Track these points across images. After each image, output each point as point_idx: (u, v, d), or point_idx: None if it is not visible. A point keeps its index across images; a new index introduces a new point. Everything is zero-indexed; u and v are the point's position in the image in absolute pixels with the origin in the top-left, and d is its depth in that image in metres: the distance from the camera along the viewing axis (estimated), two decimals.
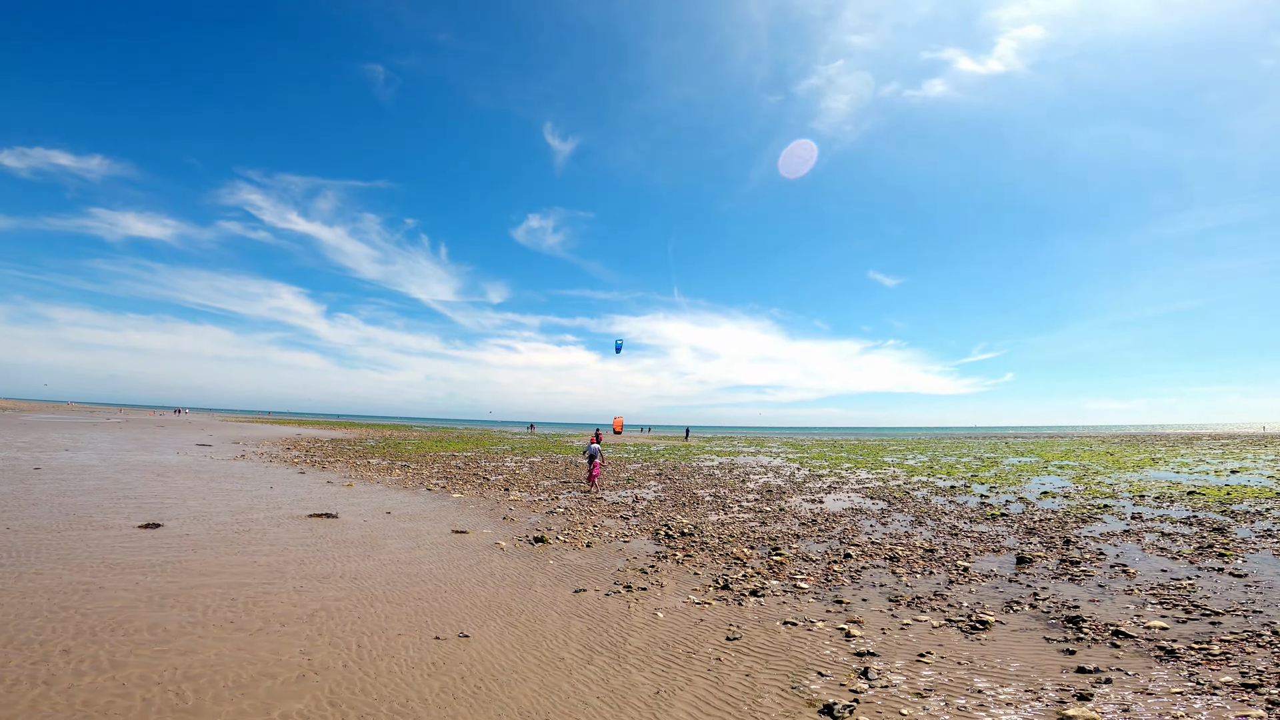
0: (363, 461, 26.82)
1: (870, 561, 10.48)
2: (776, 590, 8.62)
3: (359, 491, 17.20)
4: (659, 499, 17.51)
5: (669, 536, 12.19)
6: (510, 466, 27.00)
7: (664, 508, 15.88)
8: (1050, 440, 69.39)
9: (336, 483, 18.82)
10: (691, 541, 11.71)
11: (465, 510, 14.64)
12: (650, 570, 9.50)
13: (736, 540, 11.89)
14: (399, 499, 16.13)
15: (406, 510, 14.29)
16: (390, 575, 8.63)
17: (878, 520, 14.46)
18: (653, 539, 12.01)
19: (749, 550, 11.12)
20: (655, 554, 10.65)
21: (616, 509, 15.51)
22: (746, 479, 23.40)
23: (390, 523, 12.59)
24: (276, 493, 16.01)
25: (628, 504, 16.46)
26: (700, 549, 11.13)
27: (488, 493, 17.85)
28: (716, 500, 17.37)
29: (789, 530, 12.99)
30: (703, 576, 9.26)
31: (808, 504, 16.94)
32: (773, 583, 9.00)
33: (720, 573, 9.49)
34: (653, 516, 14.46)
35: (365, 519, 12.78)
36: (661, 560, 10.20)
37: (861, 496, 18.75)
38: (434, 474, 22.60)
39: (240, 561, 8.96)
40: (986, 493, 19.46)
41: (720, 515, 14.86)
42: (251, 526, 11.48)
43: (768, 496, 18.32)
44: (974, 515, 14.99)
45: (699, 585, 8.77)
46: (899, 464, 32.36)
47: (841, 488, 20.81)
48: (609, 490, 19.45)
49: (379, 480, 20.15)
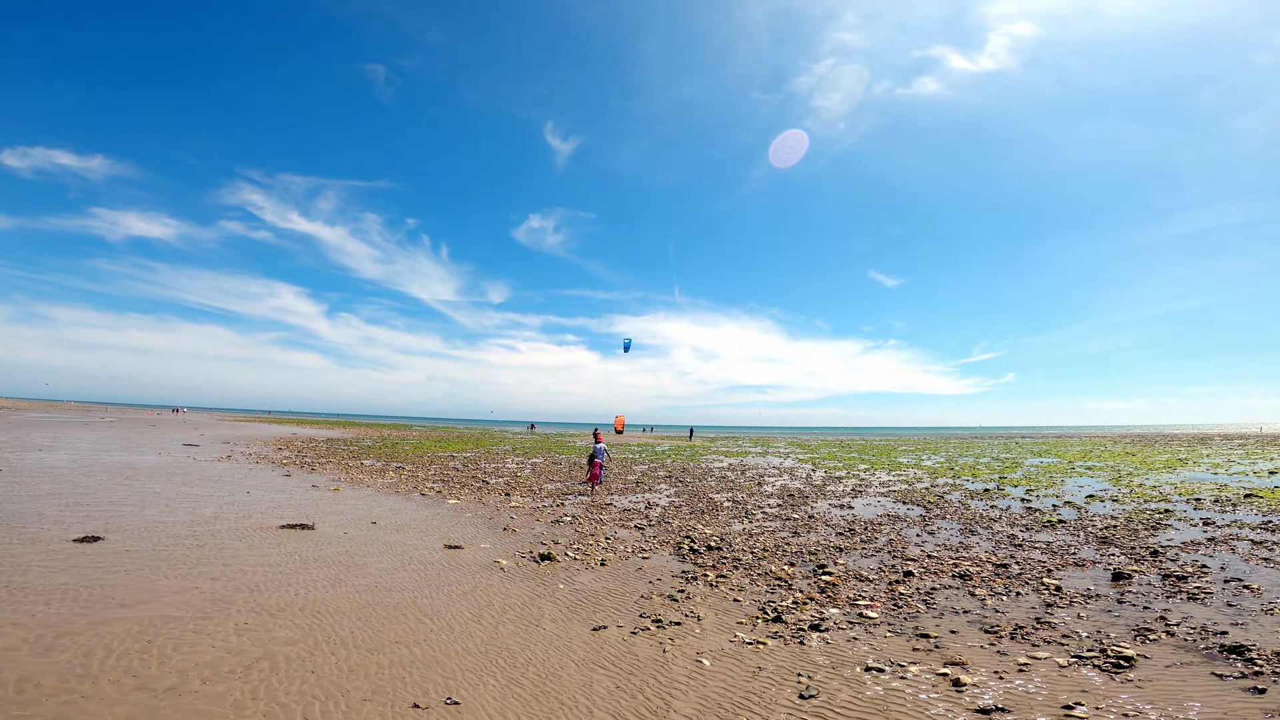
0: (355, 463, 25.10)
1: (937, 580, 8.82)
2: (839, 621, 6.96)
3: (345, 497, 15.49)
4: (673, 505, 15.83)
5: (694, 551, 10.50)
6: (511, 468, 25.30)
7: (681, 515, 14.20)
8: (1060, 440, 67.87)
9: (322, 487, 17.11)
10: (721, 558, 10.03)
11: (461, 519, 12.94)
12: (680, 596, 7.82)
13: (772, 555, 10.22)
14: (388, 506, 14.43)
15: (395, 519, 12.58)
16: (364, 607, 6.93)
17: (921, 528, 12.80)
18: (675, 554, 10.34)
19: (789, 568, 9.45)
20: (682, 574, 8.97)
21: (629, 517, 13.83)
22: (762, 482, 21.72)
23: (374, 535, 10.88)
24: (252, 499, 14.30)
25: (640, 511, 14.78)
26: (733, 567, 9.45)
27: (487, 498, 16.15)
28: (736, 506, 15.69)
29: (826, 541, 11.33)
30: (745, 604, 7.59)
31: (837, 510, 15.28)
32: (832, 611, 7.34)
33: (764, 598, 7.82)
34: (670, 526, 12.78)
35: (346, 530, 11.07)
36: (691, 582, 8.52)
37: (892, 500, 17.08)
38: (430, 477, 20.89)
39: (179, 587, 7.24)
40: (1024, 496, 17.81)
41: (745, 524, 13.18)
42: (209, 540, 9.76)
43: (791, 501, 16.65)
44: (1027, 522, 13.33)
45: (744, 616, 7.09)
46: (915, 465, 30.71)
47: (866, 491, 19.15)
48: (618, 494, 17.76)
49: (370, 484, 18.44)
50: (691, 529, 12.40)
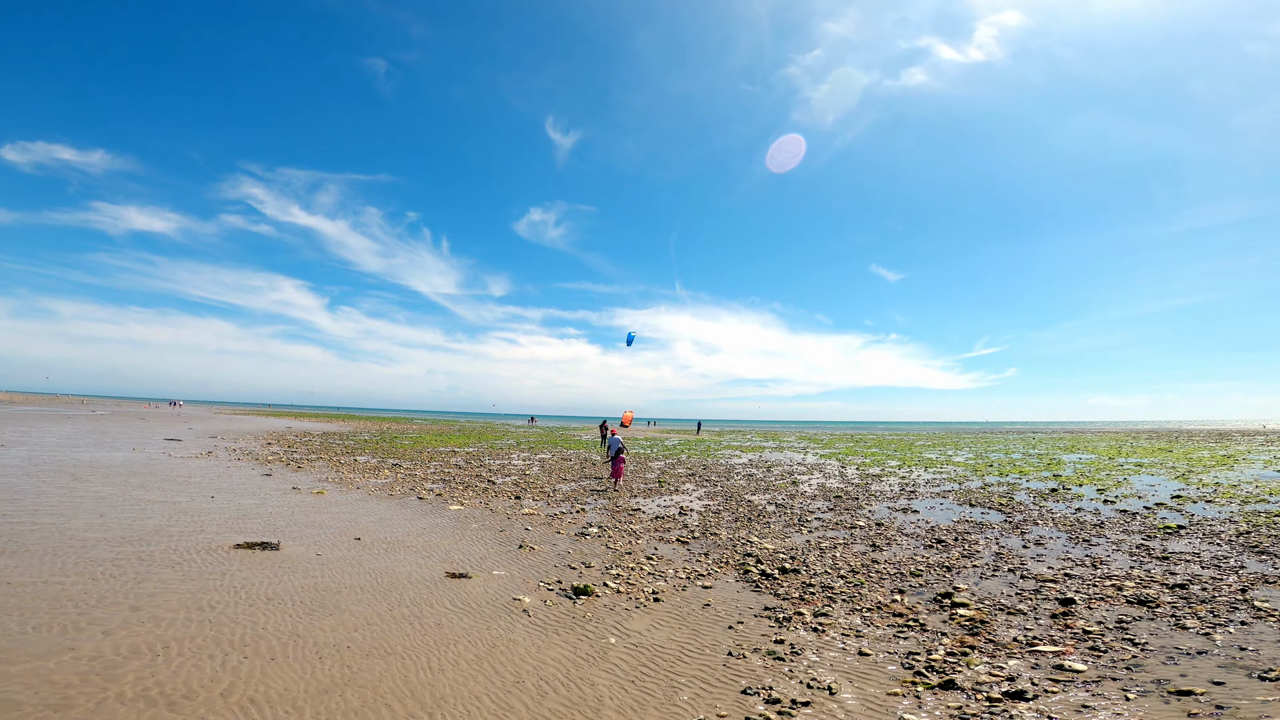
0: (348, 460, 22.66)
1: (1111, 608, 6.54)
2: (1037, 679, 4.63)
3: (329, 502, 13.07)
4: (710, 510, 13.46)
5: (766, 576, 8.13)
6: (518, 465, 22.90)
7: (724, 523, 11.84)
8: (1078, 436, 65.95)
9: (305, 489, 14.67)
10: (805, 584, 7.66)
11: (466, 532, 10.53)
12: (784, 651, 5.46)
13: (866, 578, 7.85)
14: (379, 514, 12.02)
15: (385, 533, 10.17)
16: (325, 691, 4.52)
17: (1019, 537, 10.47)
18: (743, 579, 7.97)
19: (900, 596, 7.10)
20: (766, 612, 6.60)
21: (664, 526, 11.46)
22: (796, 481, 19.37)
23: (356, 558, 8.46)
24: (214, 505, 11.85)
25: (674, 518, 12.41)
26: (828, 598, 7.09)
27: (494, 502, 13.75)
28: (782, 511, 13.33)
29: (919, 557, 8.97)
30: (878, 658, 5.24)
31: (900, 514, 12.93)
32: (1012, 663, 5.04)
33: (899, 647, 5.49)
34: (719, 539, 10.42)
35: (320, 551, 8.63)
36: (785, 625, 6.16)
37: (954, 502, 14.76)
38: (429, 476, 18.48)
39: (47, 647, 4.80)
40: (1099, 496, 15.52)
41: (804, 534, 10.83)
42: (132, 567, 7.33)
43: (839, 504, 14.30)
44: (1138, 528, 11.02)
45: (891, 681, 4.75)
46: (947, 461, 28.46)
47: (917, 491, 16.81)
48: (641, 497, 15.38)
49: (361, 485, 16.02)
50: (747, 543, 10.04)
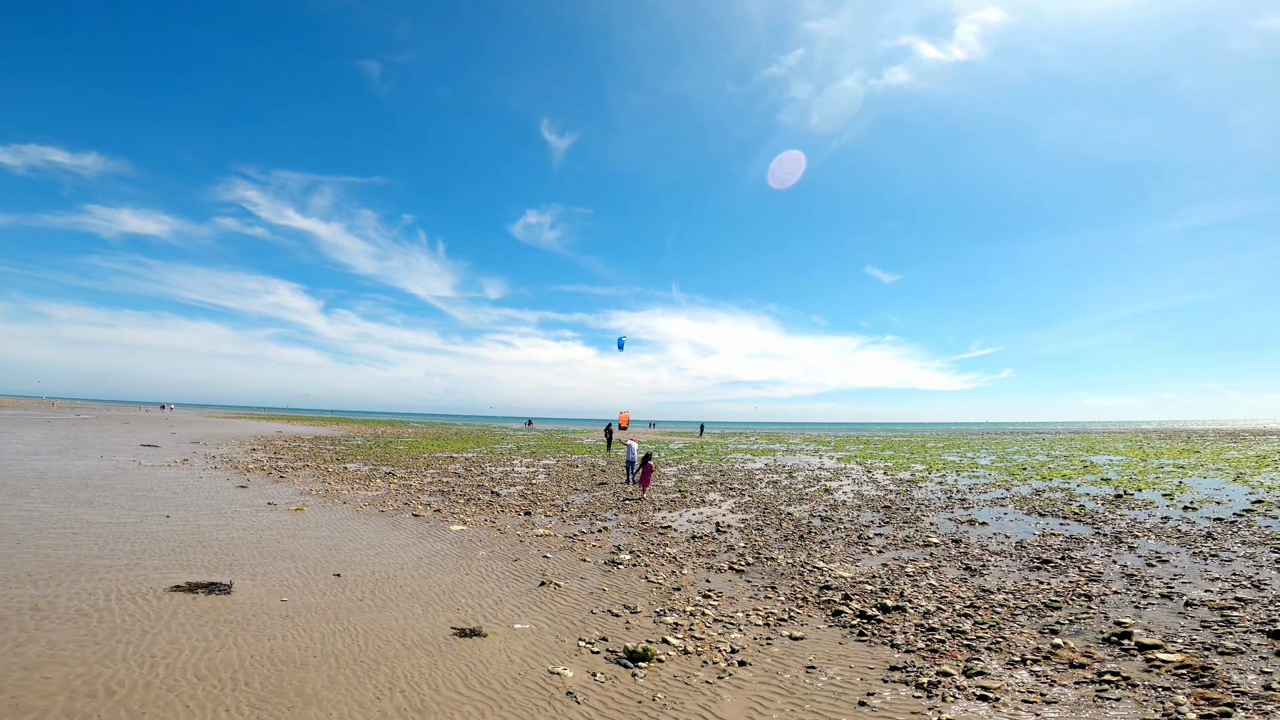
0: (337, 468, 20.68)
1: None
2: None
3: (309, 522, 11.14)
4: (750, 525, 11.63)
5: (865, 617, 6.29)
6: (522, 473, 20.99)
7: (772, 542, 10.01)
8: (1087, 437, 64.60)
9: (283, 504, 12.73)
10: (923, 628, 5.82)
11: (473, 562, 8.65)
12: None
13: (992, 614, 6.03)
14: (367, 537, 10.11)
15: (373, 566, 8.27)
16: None
17: (1126, 552, 8.68)
18: (833, 621, 6.15)
19: (1056, 638, 5.27)
20: (896, 675, 4.77)
21: (705, 548, 9.61)
22: (828, 488, 17.56)
23: (334, 605, 6.56)
24: (166, 528, 9.90)
25: (713, 536, 10.57)
26: (961, 645, 5.25)
27: (502, 519, 11.86)
28: (831, 525, 11.51)
29: (1036, 583, 7.16)
30: None
31: (968, 527, 11.15)
32: None
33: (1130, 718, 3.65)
34: (776, 563, 8.59)
35: (288, 593, 6.72)
36: (934, 695, 4.33)
37: (1017, 511, 12.99)
38: (426, 487, 16.55)
39: None
40: (1163, 500, 13.81)
41: (875, 556, 9.01)
42: (22, 621, 5.41)
43: (892, 516, 12.50)
44: (1257, 539, 9.25)
45: None
46: (973, 465, 26.78)
47: (966, 499, 15.01)
48: (666, 510, 13.53)
49: (349, 497, 14.09)
50: (813, 569, 8.21)
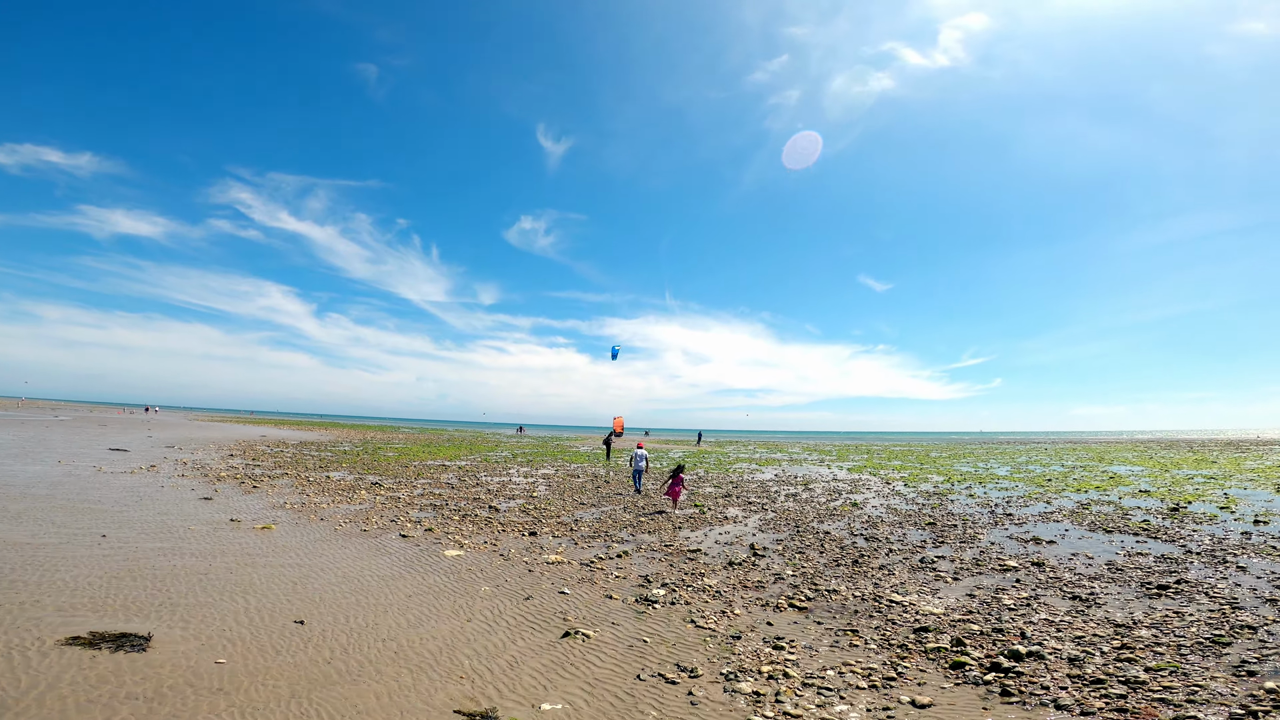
0: (319, 476, 18.92)
1: None
2: None
3: (274, 545, 9.47)
4: (786, 546, 10.08)
5: (996, 669, 4.73)
6: (521, 483, 19.35)
7: (821, 568, 8.46)
8: (1088, 446, 63.81)
9: (249, 520, 11.03)
10: (1083, 679, 4.28)
11: (475, 601, 7.03)
12: None
13: (1156, 657, 4.52)
14: (343, 566, 8.46)
15: (348, 609, 6.63)
16: None
17: (1235, 572, 7.20)
18: (959, 678, 4.61)
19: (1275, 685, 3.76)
20: None
21: (748, 577, 8.05)
22: (855, 502, 16.06)
23: (287, 670, 4.92)
24: (96, 552, 8.18)
25: (749, 561, 9.01)
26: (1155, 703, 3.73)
27: (504, 540, 10.23)
28: (877, 546, 9.98)
29: (1177, 615, 5.65)
30: None
31: (1034, 546, 9.65)
32: None
33: None
34: (840, 596, 7.05)
35: (223, 653, 5.08)
36: None
37: (1075, 526, 11.53)
38: (416, 500, 14.88)
39: None
40: (1221, 514, 12.43)
41: (952, 584, 7.48)
42: None
43: (941, 534, 10.99)
44: None
45: None
46: (990, 475, 25.48)
47: (1011, 513, 13.53)
48: (688, 528, 11.95)
49: (328, 512, 12.41)
50: (889, 603, 6.67)
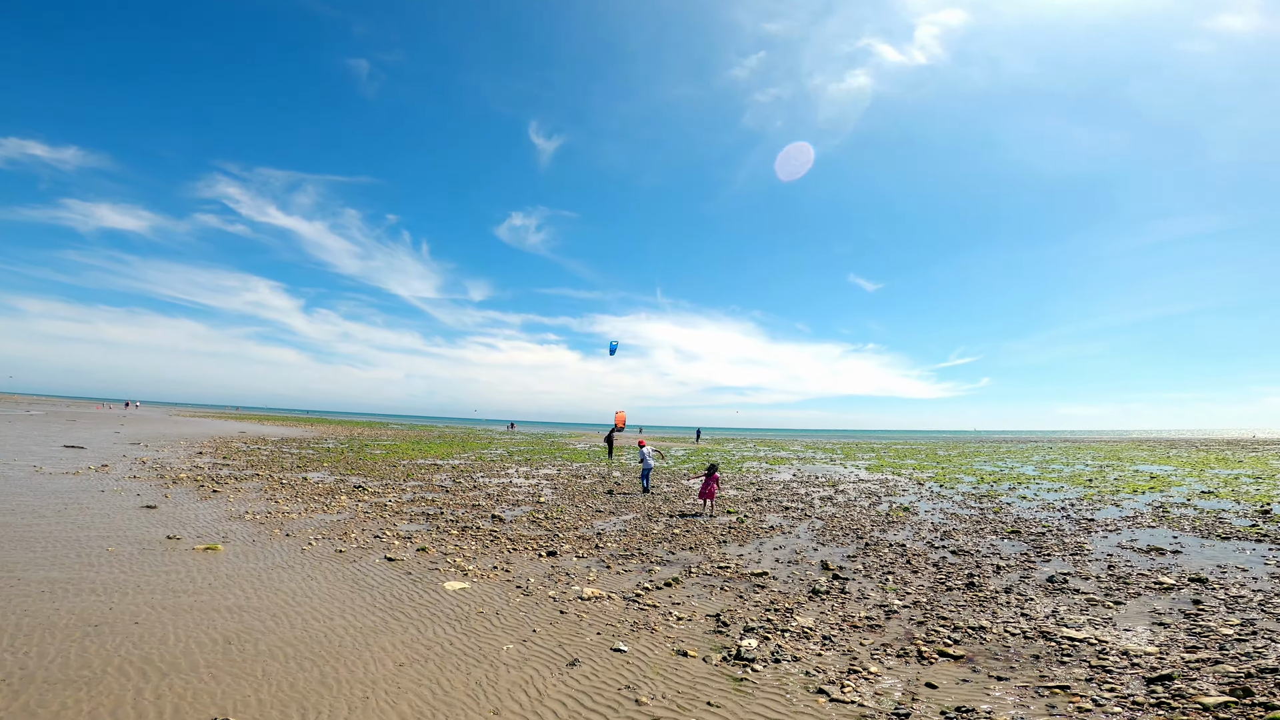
0: (295, 478, 16.64)
1: None
2: None
3: (215, 574, 7.29)
4: (864, 564, 8.05)
5: None
6: (523, 485, 17.22)
7: (936, 597, 6.45)
8: (1090, 445, 62.78)
9: (193, 536, 8.80)
10: None
11: (498, 672, 4.91)
12: None
13: None
14: (306, 609, 6.31)
15: (301, 694, 4.50)
16: None
17: None
18: None
19: None
20: None
21: (845, 609, 6.00)
22: (901, 506, 14.12)
23: None
24: None
25: (831, 586, 6.97)
26: None
27: (518, 563, 8.11)
28: (972, 561, 7.99)
29: None
30: None
31: (1170, 558, 7.75)
32: None
33: None
34: (994, 635, 5.04)
35: None
36: None
37: (1195, 535, 9.68)
38: (405, 506, 12.69)
39: None
40: None
41: (1121, 611, 5.52)
42: None
43: (1038, 544, 9.05)
44: None
45: None
46: (1016, 474, 23.85)
47: (1091, 518, 11.68)
48: (732, 540, 9.90)
49: (298, 524, 10.21)
50: (1074, 641, 4.68)
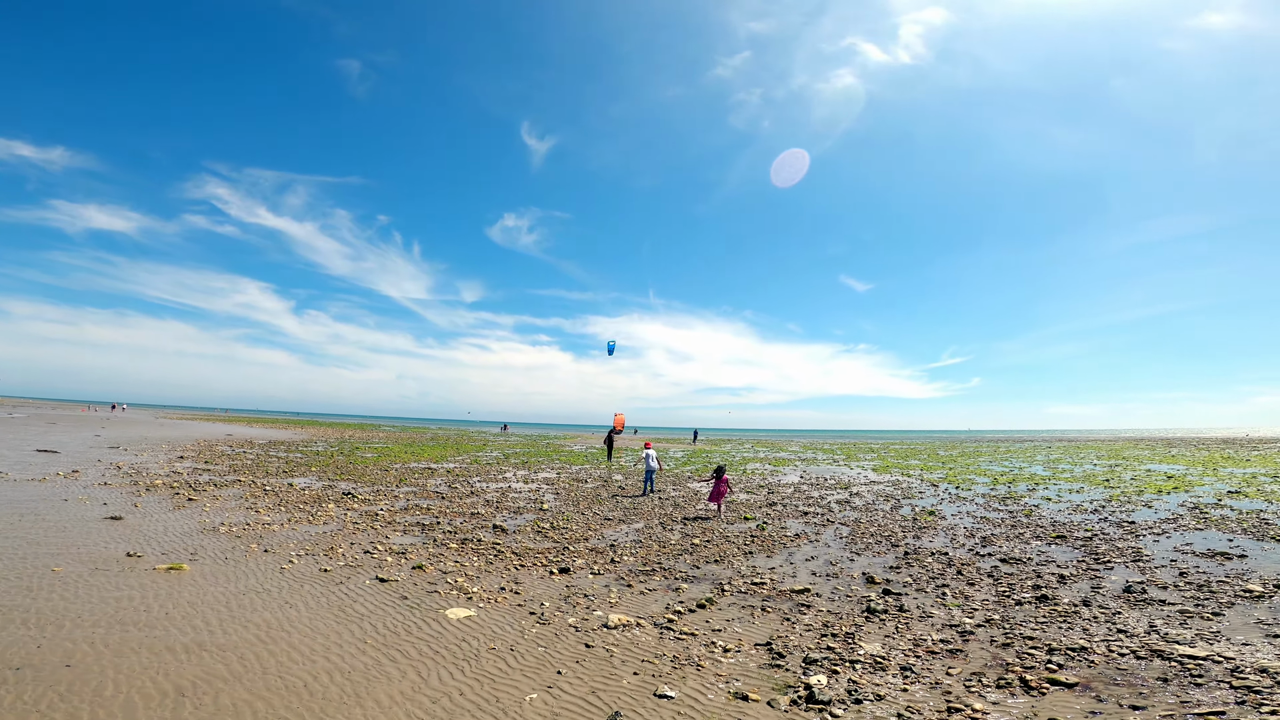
0: (280, 483, 15.55)
1: None
2: None
3: (177, 601, 6.28)
4: (915, 579, 7.15)
5: None
6: (523, 491, 16.23)
7: (1002, 609, 5.56)
8: (1093, 444, 62.47)
9: (155, 555, 7.76)
10: None
11: None
12: None
13: None
14: (283, 647, 5.32)
15: None
16: None
17: None
18: None
19: None
20: None
21: (914, 630, 5.09)
22: (921, 509, 13.26)
23: None
24: None
25: (887, 603, 6.06)
26: None
27: (527, 582, 7.14)
28: (1035, 571, 7.12)
29: None
30: None
31: (1237, 563, 6.93)
32: None
33: None
34: (1101, 658, 4.14)
35: None
36: None
37: (1245, 536, 8.88)
38: (398, 515, 11.67)
39: None
40: None
41: (1225, 623, 4.67)
42: None
43: (1098, 552, 8.21)
44: None
45: None
46: (1027, 474, 23.15)
47: (1132, 522, 10.89)
48: (758, 552, 8.97)
49: (279, 537, 9.18)
50: (1196, 660, 3.81)
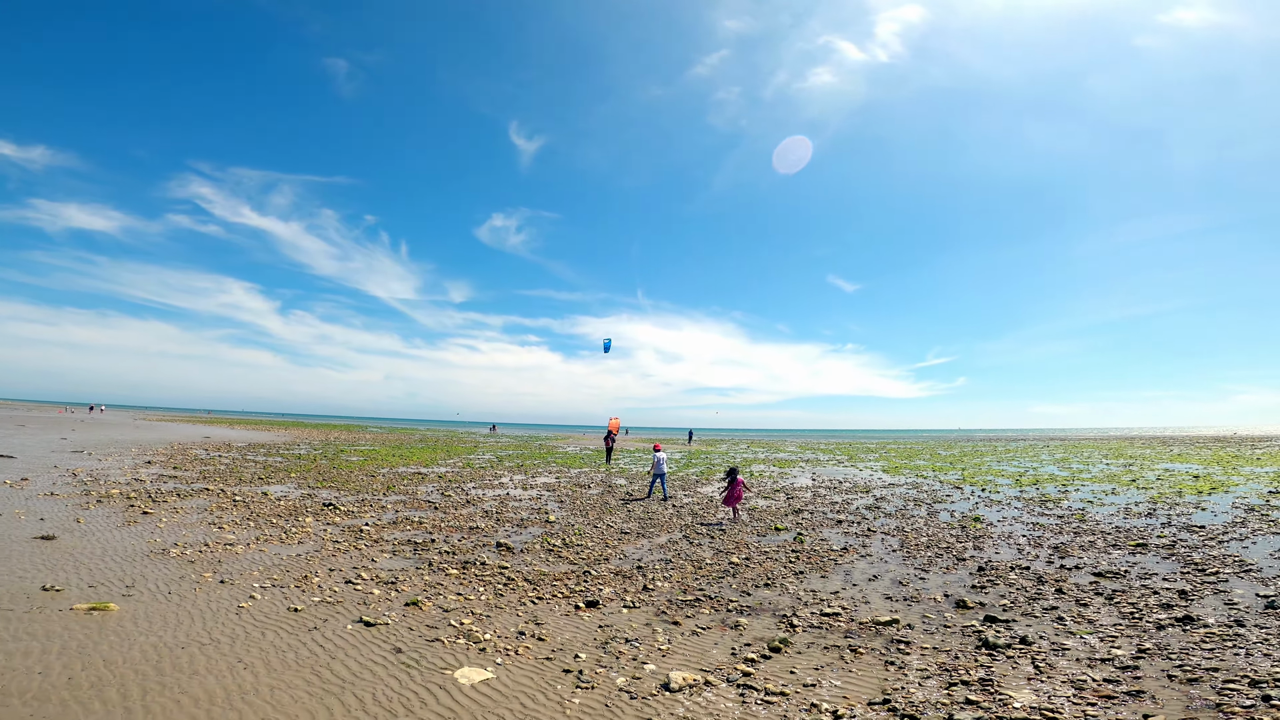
0: (254, 492, 13.97)
1: None
2: None
3: (89, 659, 4.82)
4: (1015, 601, 5.93)
5: None
6: (523, 498, 14.82)
7: (1147, 639, 4.36)
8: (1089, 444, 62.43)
9: (82, 586, 6.28)
10: None
11: None
12: None
13: None
14: None
15: None
16: None
17: None
18: None
19: None
20: None
21: (1066, 667, 3.86)
22: (965, 515, 12.13)
23: None
24: None
25: (1003, 635, 4.82)
26: None
27: (550, 621, 5.78)
28: (1141, 587, 5.94)
29: None
30: None
31: None
32: None
33: None
34: None
35: None
36: None
37: None
38: (385, 530, 10.22)
39: None
40: None
41: None
42: None
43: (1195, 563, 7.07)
44: None
45: None
46: (1040, 474, 22.29)
47: (1201, 526, 9.82)
48: (809, 571, 7.71)
49: (241, 560, 7.72)
50: None
